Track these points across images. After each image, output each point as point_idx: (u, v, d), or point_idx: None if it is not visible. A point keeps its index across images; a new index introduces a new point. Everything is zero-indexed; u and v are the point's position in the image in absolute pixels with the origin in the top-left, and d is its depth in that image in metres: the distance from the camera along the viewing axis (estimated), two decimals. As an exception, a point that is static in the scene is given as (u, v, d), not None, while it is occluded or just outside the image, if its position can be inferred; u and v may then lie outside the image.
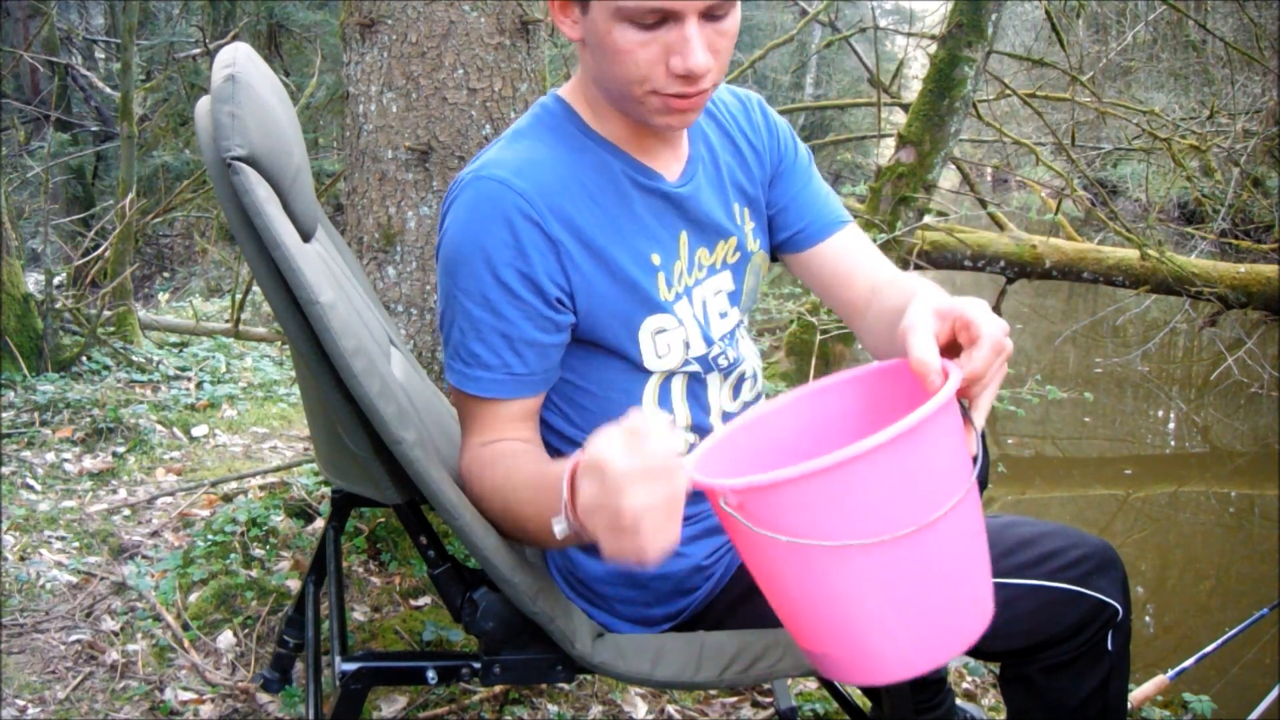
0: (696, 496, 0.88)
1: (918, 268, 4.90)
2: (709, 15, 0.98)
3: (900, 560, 0.79)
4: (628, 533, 0.77)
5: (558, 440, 1.17)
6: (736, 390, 1.22)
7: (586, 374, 1.13)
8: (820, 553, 0.78)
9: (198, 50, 6.62)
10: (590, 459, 0.79)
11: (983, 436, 0.89)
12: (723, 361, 1.18)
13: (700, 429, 1.17)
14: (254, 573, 2.04)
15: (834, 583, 0.80)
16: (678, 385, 1.16)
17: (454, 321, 1.08)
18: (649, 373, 1.14)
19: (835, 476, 0.75)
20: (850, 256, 1.25)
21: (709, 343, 1.16)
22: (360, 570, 2.05)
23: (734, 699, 1.91)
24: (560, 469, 0.88)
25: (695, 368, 1.16)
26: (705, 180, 1.18)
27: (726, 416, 1.20)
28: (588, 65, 1.09)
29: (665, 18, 0.97)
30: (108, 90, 7.03)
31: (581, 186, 1.08)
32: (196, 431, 3.09)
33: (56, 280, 3.81)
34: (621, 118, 1.10)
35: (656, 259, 1.12)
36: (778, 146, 1.26)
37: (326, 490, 2.33)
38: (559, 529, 0.87)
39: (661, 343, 1.13)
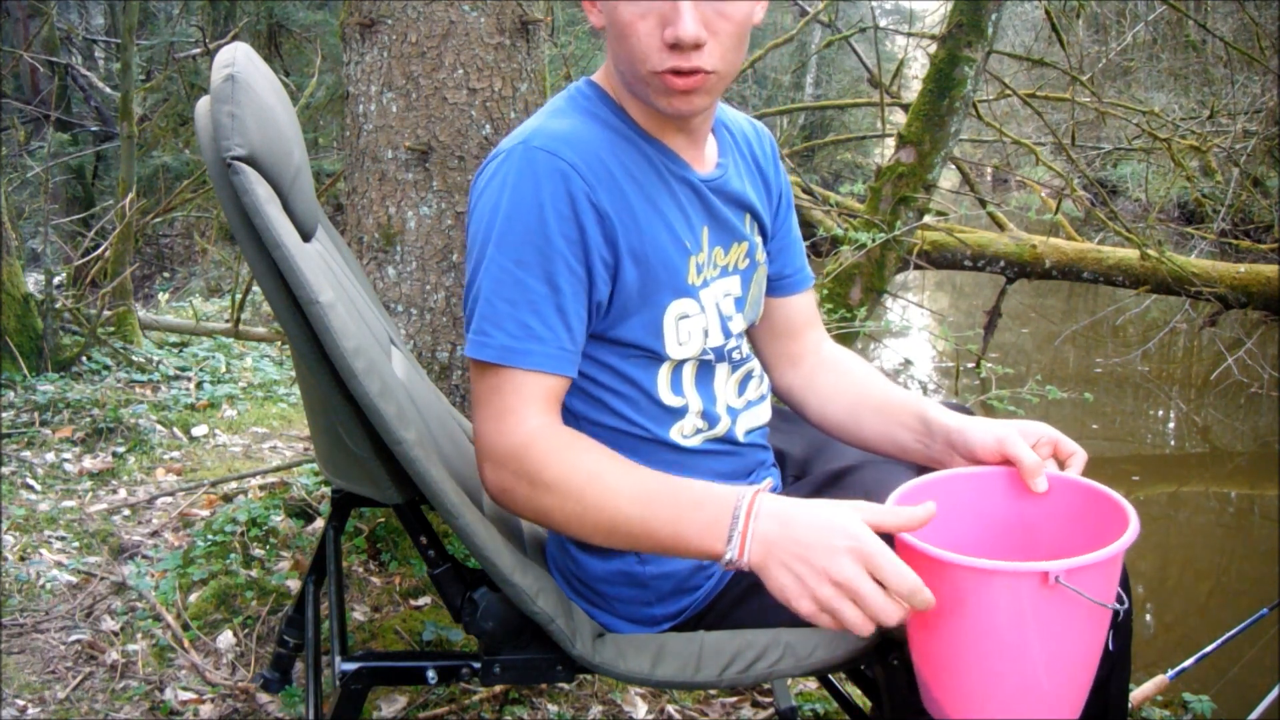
0: None
1: (918, 267, 4.90)
2: None
3: (1097, 633, 0.97)
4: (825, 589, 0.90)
5: None
6: (742, 386, 1.23)
7: (598, 364, 1.13)
8: (1079, 619, 0.93)
9: (198, 50, 6.61)
10: (823, 511, 0.93)
11: None
12: (736, 355, 1.21)
13: (709, 417, 1.18)
14: (254, 573, 2.04)
15: (1057, 647, 0.93)
16: (688, 372, 1.17)
17: (497, 292, 1.03)
18: (663, 360, 1.14)
19: (1118, 556, 0.93)
20: (806, 313, 1.37)
21: (726, 335, 1.19)
22: (360, 570, 2.05)
23: (734, 699, 1.91)
24: (717, 493, 0.98)
25: (709, 357, 1.17)
26: (729, 183, 1.21)
27: (731, 411, 1.21)
28: (609, 53, 1.11)
29: None
30: (108, 90, 7.02)
31: (621, 165, 1.09)
32: (196, 431, 3.09)
33: (56, 280, 3.81)
34: (644, 107, 1.13)
35: (688, 243, 1.14)
36: (781, 187, 1.32)
37: (326, 490, 2.33)
38: (730, 552, 0.94)
39: (684, 329, 1.14)
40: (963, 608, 0.91)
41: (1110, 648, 1.17)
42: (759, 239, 1.26)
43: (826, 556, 0.90)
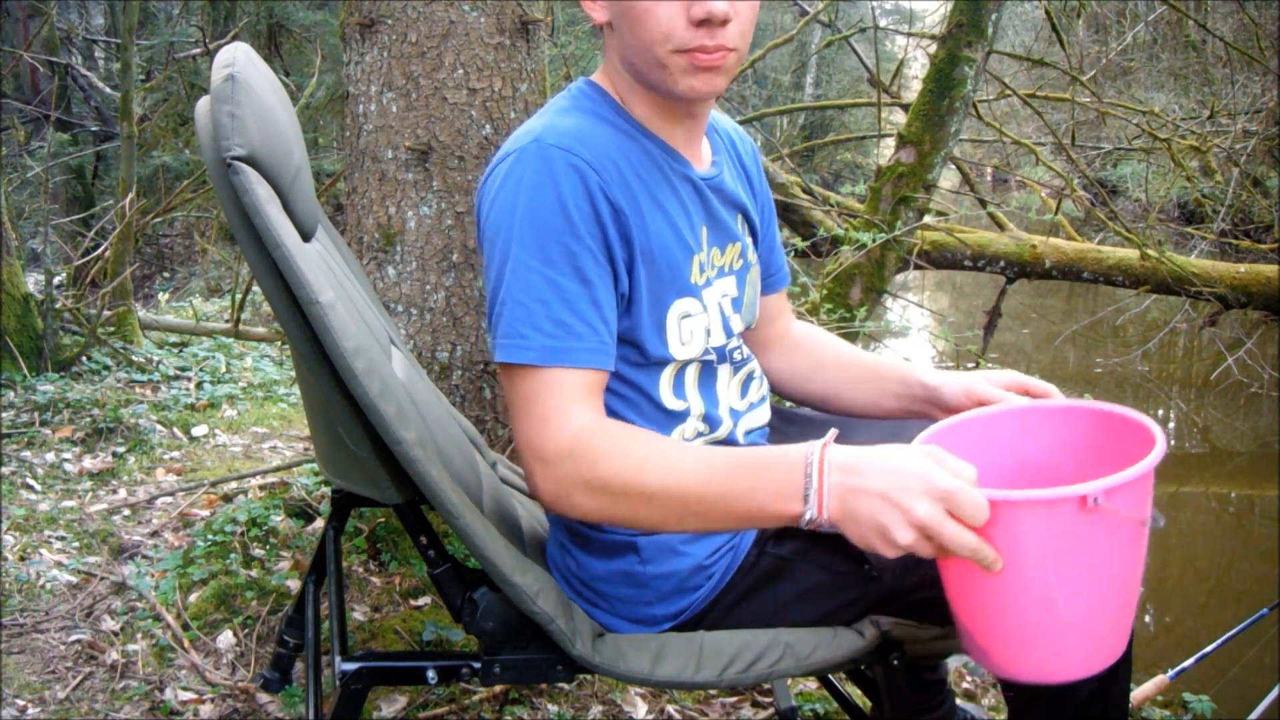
0: None
1: (918, 267, 4.90)
2: None
3: (1139, 555, 0.94)
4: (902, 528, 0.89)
5: None
6: (744, 388, 1.24)
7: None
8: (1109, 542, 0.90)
9: (198, 50, 6.62)
10: (901, 455, 0.92)
11: None
12: (737, 356, 1.22)
13: (711, 420, 1.18)
14: (254, 573, 2.04)
15: (1092, 572, 0.91)
16: (691, 375, 1.17)
17: (528, 292, 1.01)
18: (666, 362, 1.14)
19: (1150, 473, 0.91)
20: (780, 303, 1.41)
21: (728, 334, 1.19)
22: (360, 570, 2.05)
23: (734, 699, 1.91)
24: (785, 453, 0.96)
25: (711, 357, 1.17)
26: (724, 183, 1.22)
27: (734, 414, 1.21)
28: (615, 47, 1.11)
29: None
30: (108, 90, 7.03)
31: (629, 162, 1.09)
32: (196, 431, 3.09)
33: (56, 280, 3.81)
34: (650, 101, 1.12)
35: (691, 242, 1.14)
36: (765, 191, 1.33)
37: (326, 490, 2.33)
38: (809, 511, 0.93)
39: (686, 328, 1.14)
40: (1001, 545, 0.89)
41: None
42: (749, 239, 1.27)
43: (904, 499, 0.89)
